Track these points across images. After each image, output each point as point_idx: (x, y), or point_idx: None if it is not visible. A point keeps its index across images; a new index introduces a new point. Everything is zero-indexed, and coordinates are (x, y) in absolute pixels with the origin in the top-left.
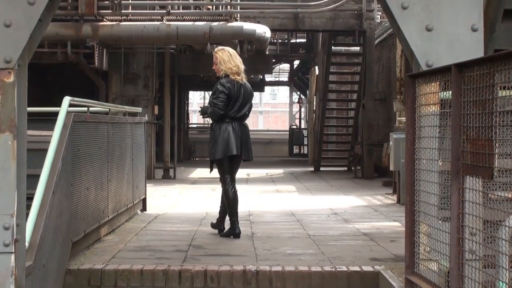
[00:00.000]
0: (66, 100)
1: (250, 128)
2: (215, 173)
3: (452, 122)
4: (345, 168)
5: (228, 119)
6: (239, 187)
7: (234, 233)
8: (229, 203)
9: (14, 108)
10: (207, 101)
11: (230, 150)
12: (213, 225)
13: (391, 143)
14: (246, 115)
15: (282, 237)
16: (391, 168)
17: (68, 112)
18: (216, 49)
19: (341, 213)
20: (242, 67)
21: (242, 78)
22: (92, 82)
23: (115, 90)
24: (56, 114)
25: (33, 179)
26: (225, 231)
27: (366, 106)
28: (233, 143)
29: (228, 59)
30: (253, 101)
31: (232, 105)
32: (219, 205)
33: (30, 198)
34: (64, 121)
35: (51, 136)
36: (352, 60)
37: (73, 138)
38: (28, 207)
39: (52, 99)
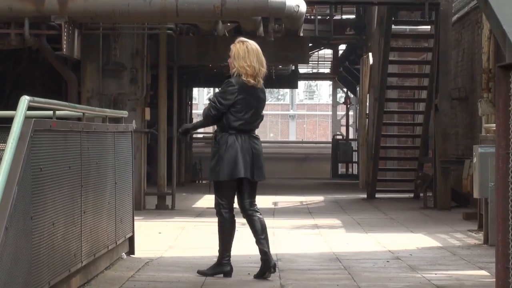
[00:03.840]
0: (24, 100)
1: (278, 138)
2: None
3: None
4: (411, 195)
5: (235, 131)
6: None
7: (225, 271)
8: (224, 237)
9: None
10: None
11: (237, 172)
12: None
13: (475, 159)
14: (257, 126)
15: None
16: (476, 195)
17: (26, 118)
18: (236, 40)
19: (405, 257)
20: (262, 70)
21: (259, 83)
22: (59, 76)
23: (90, 87)
24: (9, 120)
25: None
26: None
27: (440, 108)
28: (241, 162)
29: (244, 55)
30: (282, 102)
31: (242, 113)
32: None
33: None
34: (21, 130)
35: (3, 150)
36: (421, 44)
37: (34, 154)
38: None
39: (3, 98)
